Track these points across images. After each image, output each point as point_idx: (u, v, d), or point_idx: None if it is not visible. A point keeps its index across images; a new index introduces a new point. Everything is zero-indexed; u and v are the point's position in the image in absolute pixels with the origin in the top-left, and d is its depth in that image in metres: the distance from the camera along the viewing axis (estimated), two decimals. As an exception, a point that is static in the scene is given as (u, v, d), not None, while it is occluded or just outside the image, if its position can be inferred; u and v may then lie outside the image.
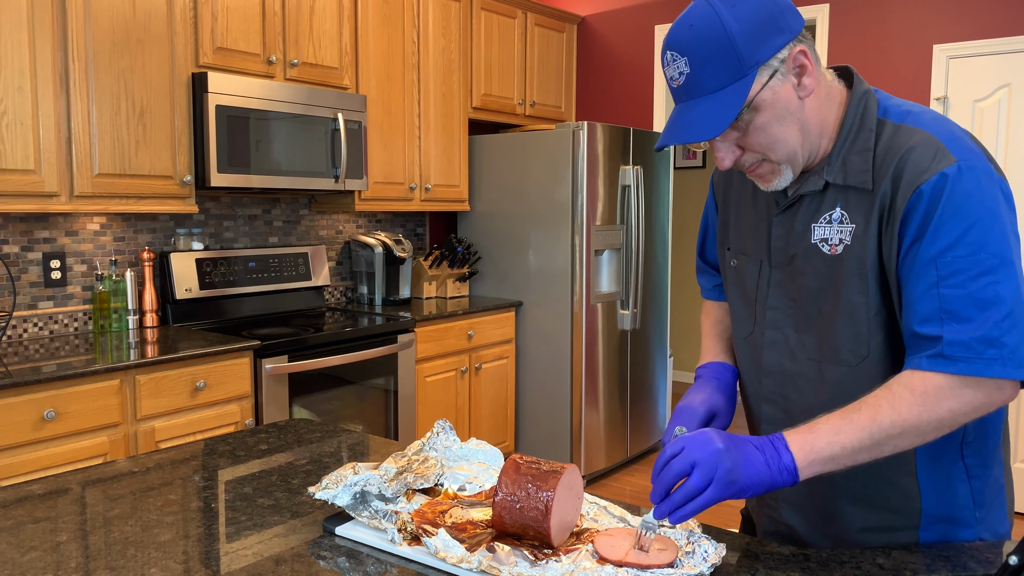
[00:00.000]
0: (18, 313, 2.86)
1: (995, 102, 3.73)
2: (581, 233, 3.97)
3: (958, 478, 1.14)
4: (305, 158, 3.27)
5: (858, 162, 1.11)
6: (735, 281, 1.31)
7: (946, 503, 1.15)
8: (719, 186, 1.39)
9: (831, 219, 1.14)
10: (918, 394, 1.02)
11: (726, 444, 1.01)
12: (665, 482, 1.02)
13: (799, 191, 1.17)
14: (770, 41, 1.04)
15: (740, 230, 1.30)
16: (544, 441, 4.17)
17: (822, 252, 1.15)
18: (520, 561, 1.04)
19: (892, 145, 1.09)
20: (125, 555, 1.09)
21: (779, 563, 1.07)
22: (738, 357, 1.32)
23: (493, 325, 4.04)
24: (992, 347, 1.00)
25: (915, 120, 1.10)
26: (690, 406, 1.25)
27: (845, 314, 1.13)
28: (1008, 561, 0.78)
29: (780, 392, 1.23)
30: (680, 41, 1.06)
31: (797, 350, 1.20)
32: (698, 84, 1.06)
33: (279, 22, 3.24)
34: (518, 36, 4.54)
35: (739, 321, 1.30)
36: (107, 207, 2.75)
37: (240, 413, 2.83)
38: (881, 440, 1.02)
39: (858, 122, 1.12)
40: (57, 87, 2.60)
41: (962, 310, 1.01)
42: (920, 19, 3.90)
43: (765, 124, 1.08)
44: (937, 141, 1.06)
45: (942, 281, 1.03)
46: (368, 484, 1.19)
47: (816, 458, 1.01)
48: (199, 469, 1.46)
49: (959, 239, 1.02)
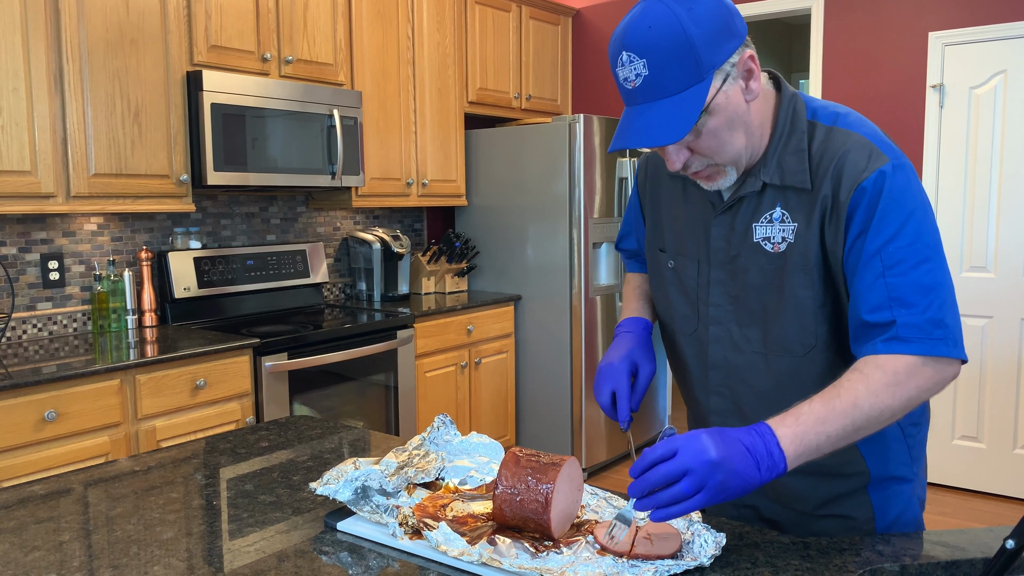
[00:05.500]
0: (17, 315, 2.87)
1: (991, 88, 3.72)
2: (579, 226, 3.97)
3: (894, 438, 1.22)
4: (301, 155, 3.27)
5: (794, 162, 1.15)
6: (674, 281, 1.33)
7: (888, 463, 1.23)
8: (644, 188, 1.41)
9: (772, 218, 1.18)
10: (891, 374, 1.05)
11: (720, 454, 0.97)
12: (650, 483, 0.98)
13: (738, 193, 1.20)
14: (724, 45, 1.06)
15: (676, 231, 1.32)
16: (545, 434, 4.18)
17: (765, 250, 1.19)
18: (521, 553, 1.05)
19: (828, 147, 1.14)
20: (128, 553, 1.10)
21: (779, 551, 1.07)
22: (684, 352, 1.35)
23: (492, 319, 4.05)
24: (939, 328, 1.07)
25: (844, 122, 1.16)
26: (611, 365, 1.30)
27: (791, 308, 1.17)
28: (1005, 545, 0.78)
29: (727, 384, 1.28)
30: (638, 42, 1.05)
31: (742, 344, 1.24)
32: (656, 86, 1.06)
33: (273, 19, 3.23)
34: (513, 30, 4.54)
35: (682, 318, 1.33)
36: (104, 207, 2.75)
37: (241, 411, 2.84)
38: (861, 425, 1.04)
39: (789, 124, 1.16)
40: (52, 88, 2.60)
41: (908, 296, 1.07)
42: (915, 6, 3.90)
43: (717, 128, 1.10)
44: (869, 142, 1.12)
45: (887, 271, 1.08)
46: (369, 479, 1.19)
47: (804, 451, 1.02)
48: (200, 467, 1.47)
49: (899, 231, 1.08)
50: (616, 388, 1.28)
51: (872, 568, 1.02)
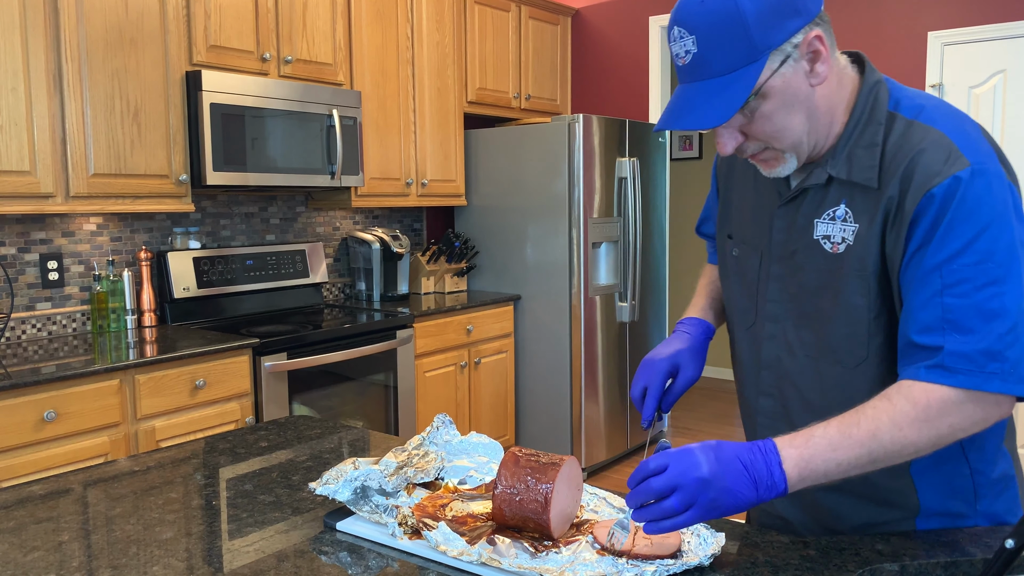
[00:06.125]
0: (16, 315, 2.86)
1: (991, 88, 3.73)
2: (578, 226, 3.97)
3: (960, 475, 1.11)
4: (301, 155, 3.27)
5: (864, 157, 1.06)
6: (736, 270, 1.27)
7: (945, 499, 1.12)
8: (722, 169, 1.34)
9: (835, 216, 1.09)
10: (920, 408, 0.97)
11: (711, 471, 0.95)
12: (641, 497, 0.98)
13: (803, 184, 1.12)
14: (785, 24, 0.98)
15: (742, 218, 1.26)
16: (544, 434, 4.18)
17: (824, 249, 1.10)
18: (520, 553, 1.04)
19: (903, 143, 1.04)
20: (127, 553, 1.10)
21: (778, 551, 1.07)
22: (740, 348, 1.30)
23: (492, 319, 4.05)
24: (994, 360, 0.96)
25: (928, 117, 1.04)
26: (652, 361, 1.27)
27: (844, 314, 1.09)
28: (1005, 544, 0.78)
29: (777, 387, 1.21)
30: (689, 17, 1.00)
31: (796, 345, 1.16)
32: (705, 65, 1.00)
33: (272, 19, 3.23)
34: (512, 29, 4.54)
35: (741, 312, 1.27)
36: (103, 207, 2.75)
37: (240, 411, 2.83)
38: (879, 458, 0.98)
39: (867, 114, 1.07)
40: (51, 88, 2.60)
41: (965, 320, 0.97)
42: (914, 6, 3.90)
43: (771, 112, 1.03)
44: (950, 142, 1.01)
45: (946, 290, 0.98)
46: (368, 479, 1.19)
47: (809, 475, 0.97)
48: (200, 467, 1.47)
49: (967, 246, 0.97)
50: (649, 385, 1.25)
51: (871, 568, 1.02)
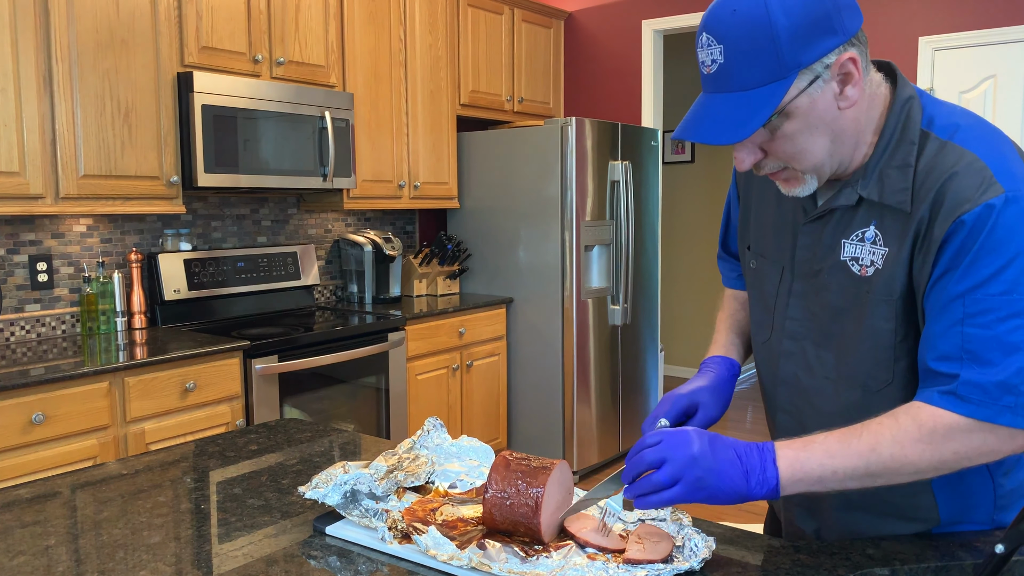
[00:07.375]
0: (4, 316, 2.84)
1: (981, 93, 3.75)
2: (571, 229, 3.97)
3: (980, 485, 1.10)
4: (293, 157, 3.26)
5: (897, 179, 1.02)
6: (754, 283, 1.25)
7: (967, 511, 1.11)
8: (742, 177, 1.31)
9: (863, 237, 1.06)
10: (925, 431, 0.96)
11: (702, 450, 0.97)
12: (634, 469, 1.02)
13: (830, 203, 1.08)
14: (818, 43, 0.95)
15: (762, 231, 1.23)
16: (536, 437, 4.17)
17: (851, 271, 1.07)
18: (511, 557, 1.04)
19: (936, 165, 0.99)
20: (114, 558, 1.09)
21: (770, 554, 1.07)
22: (757, 362, 1.28)
23: (484, 322, 4.04)
24: (1009, 394, 0.94)
25: (963, 138, 1.00)
26: (672, 395, 1.23)
27: (869, 338, 1.06)
28: (995, 549, 0.78)
29: (795, 405, 1.19)
30: (719, 25, 0.96)
31: (815, 365, 1.14)
32: (730, 77, 0.97)
33: (264, 20, 3.23)
34: (505, 32, 4.54)
35: (758, 326, 1.25)
36: (93, 208, 2.73)
37: (231, 414, 2.82)
38: (877, 472, 0.97)
39: (899, 132, 1.03)
40: (41, 88, 2.58)
41: (985, 352, 0.95)
42: (905, 11, 3.92)
43: (794, 133, 1.00)
44: (984, 166, 0.97)
45: (968, 319, 0.96)
46: (358, 483, 1.19)
47: (803, 478, 0.98)
48: (189, 470, 1.46)
49: (994, 275, 0.94)
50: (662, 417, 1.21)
51: (863, 572, 1.02)
